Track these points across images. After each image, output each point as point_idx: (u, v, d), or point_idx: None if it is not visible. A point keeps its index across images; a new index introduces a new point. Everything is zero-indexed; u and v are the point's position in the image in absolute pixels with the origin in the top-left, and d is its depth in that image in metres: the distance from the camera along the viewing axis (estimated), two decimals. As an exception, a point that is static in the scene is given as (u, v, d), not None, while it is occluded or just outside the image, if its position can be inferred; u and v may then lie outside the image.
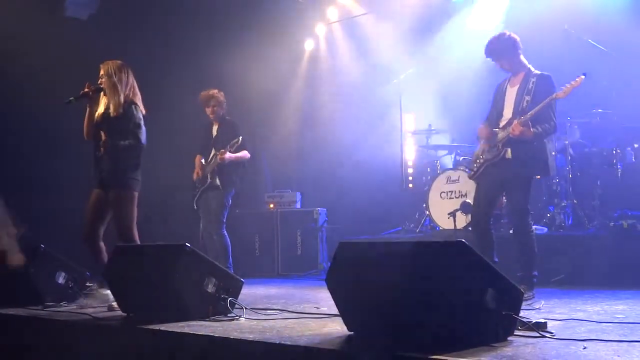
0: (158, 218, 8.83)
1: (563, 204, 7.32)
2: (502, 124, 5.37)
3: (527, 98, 5.20)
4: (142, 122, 5.50)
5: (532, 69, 5.35)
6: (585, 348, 3.07)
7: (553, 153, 7.22)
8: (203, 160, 7.26)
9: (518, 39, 5.35)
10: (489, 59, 5.45)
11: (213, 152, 7.19)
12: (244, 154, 7.19)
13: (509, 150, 5.25)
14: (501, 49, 5.35)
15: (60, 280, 5.83)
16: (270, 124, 10.03)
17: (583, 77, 5.08)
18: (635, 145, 7.31)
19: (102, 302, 5.37)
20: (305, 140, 10.33)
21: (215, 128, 7.35)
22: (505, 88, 5.46)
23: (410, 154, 9.55)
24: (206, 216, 7.21)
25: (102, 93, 5.53)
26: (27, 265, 5.63)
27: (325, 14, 10.18)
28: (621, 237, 6.33)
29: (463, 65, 8.65)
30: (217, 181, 7.09)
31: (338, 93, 9.71)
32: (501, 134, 5.32)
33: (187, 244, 4.55)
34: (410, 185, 9.44)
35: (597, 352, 2.97)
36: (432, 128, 8.87)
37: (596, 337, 3.32)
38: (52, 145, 5.80)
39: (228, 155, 6.98)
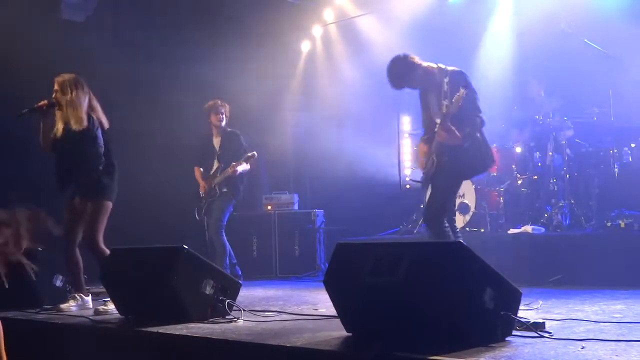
0: (157, 220, 8.83)
1: (560, 204, 7.33)
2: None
3: (445, 102, 4.99)
4: (99, 134, 5.50)
5: (443, 66, 5.15)
6: (583, 348, 3.07)
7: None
8: (202, 171, 7.40)
9: (410, 55, 5.20)
10: (402, 88, 5.29)
11: (217, 164, 7.37)
12: (247, 165, 7.43)
13: (439, 157, 5.12)
14: (401, 74, 5.20)
15: (58, 283, 5.84)
16: (267, 125, 10.02)
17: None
18: (632, 145, 7.30)
19: (81, 308, 5.41)
20: (302, 141, 10.32)
21: (216, 140, 7.48)
22: (428, 95, 5.30)
23: (407, 155, 9.55)
24: (210, 220, 7.40)
25: (56, 108, 5.50)
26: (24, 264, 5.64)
27: (321, 16, 10.18)
28: (618, 236, 6.33)
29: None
30: (226, 189, 7.36)
31: (334, 94, 9.71)
32: (433, 144, 5.19)
33: (184, 245, 4.55)
34: (408, 186, 9.45)
35: (595, 352, 2.97)
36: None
37: (594, 337, 3.32)
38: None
39: (240, 168, 7.26)
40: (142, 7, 8.99)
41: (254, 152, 7.29)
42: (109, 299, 5.15)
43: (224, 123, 7.42)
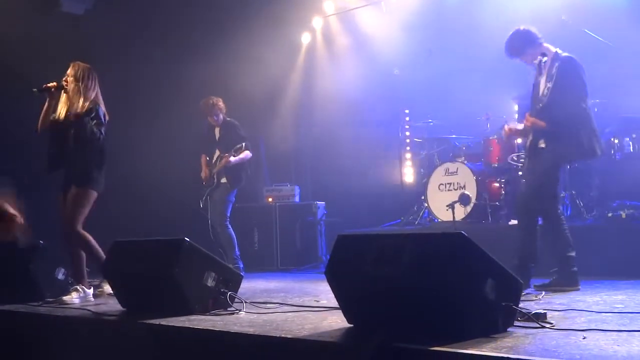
0: (162, 214, 8.85)
1: (561, 195, 7.31)
2: None
3: (549, 85, 5.15)
4: (103, 124, 5.59)
5: (559, 52, 5.28)
6: (585, 338, 3.07)
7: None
8: (207, 158, 7.51)
9: (533, 29, 5.33)
10: (515, 59, 5.41)
11: (217, 153, 7.54)
12: (246, 154, 7.55)
13: (541, 139, 5.21)
14: (520, 45, 5.31)
15: (60, 276, 5.85)
16: (268, 117, 10.02)
17: None
18: (634, 136, 7.29)
19: (83, 300, 5.46)
20: (303, 133, 10.32)
21: (217, 129, 7.63)
22: (539, 79, 5.40)
23: (408, 147, 9.55)
24: (213, 211, 7.52)
25: (63, 92, 5.60)
26: (27, 258, 5.68)
27: (321, 7, 10.15)
28: (620, 227, 6.33)
29: (461, 57, 8.65)
30: (224, 180, 7.48)
31: (335, 86, 9.69)
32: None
33: (186, 238, 4.55)
34: (409, 178, 9.45)
35: (597, 342, 2.97)
36: (429, 120, 8.88)
37: (596, 327, 3.33)
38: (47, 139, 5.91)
39: (233, 159, 7.36)
40: (142, 1, 8.97)
41: (242, 144, 7.40)
42: (98, 281, 5.24)
43: (220, 119, 7.57)
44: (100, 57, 7.53)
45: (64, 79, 5.62)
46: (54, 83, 5.60)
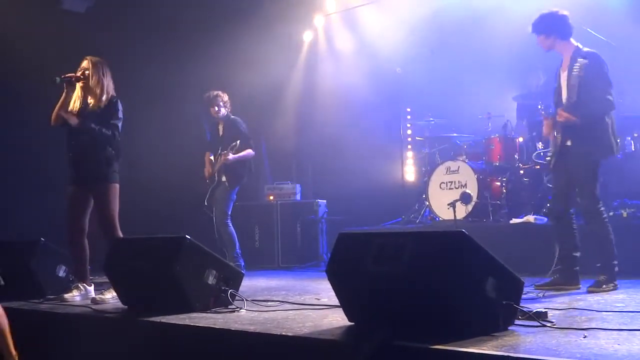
0: (164, 211, 8.86)
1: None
2: None
3: (574, 83, 5.08)
4: (121, 118, 5.58)
5: (580, 47, 5.22)
6: (585, 337, 3.07)
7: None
8: (212, 157, 7.58)
9: (571, 22, 5.27)
10: (534, 34, 5.33)
11: (220, 150, 7.45)
12: (248, 152, 7.52)
13: (569, 138, 5.17)
14: (552, 27, 5.23)
15: (61, 274, 5.86)
16: (270, 115, 10.02)
17: None
18: (635, 135, 7.29)
19: (84, 298, 5.45)
20: (305, 132, 10.32)
21: (220, 127, 7.62)
22: (559, 72, 5.35)
23: (409, 145, 9.55)
24: (216, 209, 7.52)
25: (80, 84, 5.54)
26: (28, 255, 5.70)
27: (323, 5, 10.15)
28: (621, 226, 6.32)
29: (463, 56, 8.65)
30: (224, 178, 7.44)
31: (337, 84, 9.69)
32: (557, 123, 5.26)
33: (187, 235, 4.55)
34: (410, 177, 9.45)
35: (598, 341, 2.98)
36: (431, 119, 8.88)
37: (596, 326, 3.33)
38: (51, 138, 5.86)
39: (231, 156, 7.32)
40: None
41: (236, 142, 7.34)
42: (105, 288, 5.22)
43: (221, 113, 7.54)
44: (101, 56, 7.55)
45: (81, 71, 5.54)
46: (77, 74, 5.51)
